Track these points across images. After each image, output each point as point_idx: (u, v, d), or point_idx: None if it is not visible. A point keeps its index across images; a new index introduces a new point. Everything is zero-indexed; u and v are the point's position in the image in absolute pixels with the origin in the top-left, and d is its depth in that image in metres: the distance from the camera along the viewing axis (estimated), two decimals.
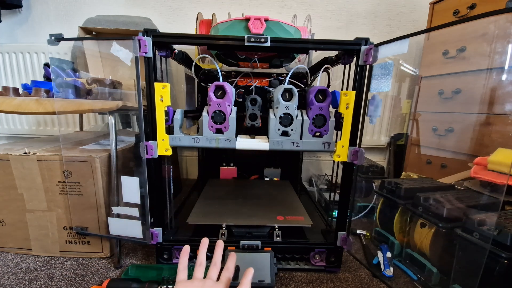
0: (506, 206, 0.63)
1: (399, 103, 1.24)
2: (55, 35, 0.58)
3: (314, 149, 0.61)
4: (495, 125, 0.82)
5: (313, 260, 0.67)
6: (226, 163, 1.09)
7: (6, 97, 0.69)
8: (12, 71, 1.27)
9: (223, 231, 0.66)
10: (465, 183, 0.75)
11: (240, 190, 0.92)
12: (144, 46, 0.55)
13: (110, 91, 0.78)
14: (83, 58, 1.01)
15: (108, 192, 0.69)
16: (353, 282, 0.65)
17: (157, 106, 0.57)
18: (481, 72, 0.85)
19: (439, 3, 1.01)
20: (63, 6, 1.25)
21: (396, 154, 1.24)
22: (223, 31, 0.61)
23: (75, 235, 0.70)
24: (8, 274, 0.64)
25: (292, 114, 0.59)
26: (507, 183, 0.60)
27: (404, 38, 0.51)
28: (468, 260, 0.53)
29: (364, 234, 0.87)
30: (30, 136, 1.33)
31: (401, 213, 0.74)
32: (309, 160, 1.38)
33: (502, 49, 0.79)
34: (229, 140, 0.60)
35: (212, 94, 0.57)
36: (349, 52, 0.62)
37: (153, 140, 0.59)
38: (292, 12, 1.22)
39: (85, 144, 0.78)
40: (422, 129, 1.08)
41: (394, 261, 0.71)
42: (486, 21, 0.83)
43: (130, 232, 0.66)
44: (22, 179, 0.67)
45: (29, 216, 0.70)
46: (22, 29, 1.29)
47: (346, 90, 0.58)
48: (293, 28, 0.62)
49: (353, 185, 0.63)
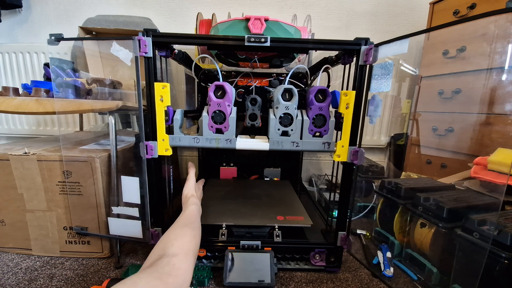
0: (506, 206, 0.63)
1: (399, 103, 1.24)
2: (55, 35, 0.58)
3: (314, 149, 0.61)
4: (495, 125, 0.82)
5: (313, 260, 0.67)
6: (226, 163, 1.09)
7: (6, 97, 0.69)
8: (12, 71, 1.27)
9: (223, 231, 0.66)
10: (465, 183, 0.75)
11: (240, 190, 0.92)
12: (144, 46, 0.55)
13: (110, 91, 0.78)
14: (83, 58, 1.01)
15: (108, 192, 0.69)
16: (353, 282, 0.65)
17: (157, 106, 0.57)
18: (481, 72, 0.85)
19: (439, 3, 1.01)
20: (63, 6, 1.25)
21: (396, 154, 1.24)
22: (223, 31, 0.61)
23: (75, 235, 0.70)
24: (8, 274, 0.64)
25: (292, 114, 0.59)
26: (507, 183, 0.61)
27: (404, 38, 0.51)
28: (468, 260, 0.53)
29: (364, 234, 0.87)
30: (30, 136, 1.33)
31: (401, 213, 0.74)
32: (309, 160, 1.38)
33: (502, 49, 0.79)
34: (229, 140, 0.60)
35: (212, 94, 0.57)
36: (349, 52, 0.62)
37: (153, 140, 0.59)
38: (292, 12, 1.22)
39: (85, 144, 0.78)
40: (422, 129, 1.08)
41: (394, 261, 0.71)
42: (486, 21, 0.83)
43: (130, 232, 0.66)
44: (22, 179, 0.67)
45: (29, 216, 0.70)
46: (22, 29, 1.29)
47: (346, 90, 0.58)
48: (293, 28, 0.62)
49: (353, 185, 0.63)
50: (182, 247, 0.41)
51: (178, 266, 0.37)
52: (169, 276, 0.34)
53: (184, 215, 0.54)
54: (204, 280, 0.61)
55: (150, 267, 0.36)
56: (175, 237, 0.44)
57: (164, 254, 0.38)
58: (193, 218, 0.53)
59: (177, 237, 0.44)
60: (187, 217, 0.52)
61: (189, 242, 0.43)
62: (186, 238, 0.44)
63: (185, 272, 0.37)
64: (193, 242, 0.44)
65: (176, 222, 0.50)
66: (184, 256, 0.40)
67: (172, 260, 0.37)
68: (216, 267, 0.66)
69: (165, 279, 0.33)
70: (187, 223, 0.50)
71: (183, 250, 0.41)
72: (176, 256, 0.38)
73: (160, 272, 0.34)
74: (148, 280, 0.32)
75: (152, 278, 0.32)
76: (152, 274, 0.33)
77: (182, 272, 0.36)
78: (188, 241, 0.43)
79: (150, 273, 0.33)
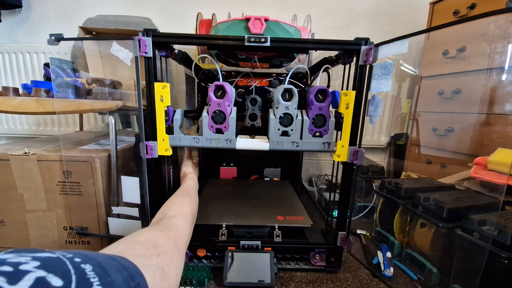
0: (506, 206, 0.63)
1: (399, 103, 1.24)
2: (55, 35, 0.58)
3: (314, 149, 0.61)
4: (495, 125, 0.82)
5: (313, 260, 0.67)
6: (226, 163, 1.09)
7: (6, 97, 0.69)
8: (12, 71, 1.27)
9: (223, 231, 0.66)
10: (465, 183, 0.75)
11: (240, 190, 0.92)
12: (144, 46, 0.55)
13: (110, 91, 0.78)
14: (83, 58, 1.01)
15: (108, 192, 0.69)
16: (353, 282, 0.65)
17: (157, 106, 0.57)
18: (481, 72, 0.85)
19: (439, 3, 1.01)
20: (63, 6, 1.25)
21: (396, 154, 1.24)
22: (223, 31, 0.61)
23: (75, 235, 0.70)
24: None
25: (292, 114, 0.59)
26: (507, 183, 0.61)
27: (404, 38, 0.51)
28: (468, 260, 0.53)
29: (364, 234, 0.87)
30: (30, 136, 1.33)
31: (401, 213, 0.74)
32: (309, 160, 1.38)
33: (502, 49, 0.79)
34: (229, 140, 0.60)
35: (212, 94, 0.57)
36: (349, 52, 0.62)
37: (153, 140, 0.59)
38: (292, 12, 1.22)
39: (85, 144, 0.78)
40: (422, 129, 1.08)
41: (394, 261, 0.71)
42: (486, 21, 0.83)
43: (130, 232, 0.66)
44: (22, 179, 0.67)
45: (29, 216, 0.70)
46: (22, 29, 1.29)
47: (346, 90, 0.58)
48: (293, 28, 0.62)
49: (353, 185, 0.63)
50: (180, 210, 0.45)
51: (176, 224, 0.40)
52: (169, 230, 0.37)
53: (183, 187, 0.58)
54: (204, 280, 0.61)
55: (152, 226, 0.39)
56: (174, 203, 0.48)
57: (164, 216, 0.42)
58: (191, 189, 0.57)
59: (176, 202, 0.48)
60: (185, 189, 0.57)
61: (186, 207, 0.47)
62: (184, 203, 0.48)
63: (183, 228, 0.40)
64: (190, 208, 0.48)
65: (175, 193, 0.54)
66: (182, 217, 0.43)
67: (171, 219, 0.41)
68: (216, 267, 0.66)
69: (167, 232, 0.36)
70: (185, 193, 0.54)
71: (181, 212, 0.45)
72: (174, 216, 0.42)
73: (161, 227, 0.38)
74: (151, 231, 0.35)
75: (154, 230, 0.36)
76: (154, 228, 0.37)
77: (180, 228, 0.40)
78: (185, 206, 0.47)
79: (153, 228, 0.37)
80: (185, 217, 0.44)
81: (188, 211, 0.46)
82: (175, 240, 0.36)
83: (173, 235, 0.37)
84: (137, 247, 0.30)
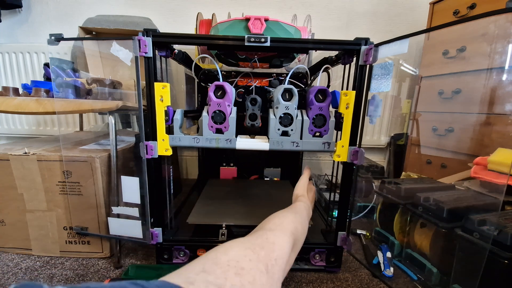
0: (506, 206, 0.63)
1: (399, 103, 1.24)
2: (55, 35, 0.58)
3: (314, 149, 0.61)
4: (495, 125, 0.82)
5: (313, 260, 0.67)
6: (226, 163, 1.09)
7: (6, 97, 0.69)
8: (12, 71, 1.27)
9: (223, 231, 0.66)
10: (465, 183, 0.75)
11: (240, 190, 0.92)
12: (144, 46, 0.55)
13: (110, 91, 0.78)
14: (83, 58, 1.01)
15: (108, 192, 0.69)
16: (353, 282, 0.65)
17: (157, 106, 0.57)
18: (481, 72, 0.85)
19: (439, 3, 1.01)
20: (63, 6, 1.25)
21: (396, 154, 1.24)
22: (223, 31, 0.61)
23: (75, 235, 0.70)
24: (8, 274, 0.64)
25: (292, 114, 0.59)
26: (507, 183, 0.60)
27: (404, 38, 0.51)
28: (468, 260, 0.53)
29: (364, 234, 0.87)
30: (30, 136, 1.33)
31: (401, 213, 0.74)
32: (309, 160, 1.38)
33: (502, 49, 0.79)
34: (229, 140, 0.60)
35: (212, 94, 0.57)
36: (349, 52, 0.62)
37: (153, 140, 0.59)
38: (292, 12, 1.22)
39: (85, 144, 0.78)
40: (422, 129, 1.08)
41: (394, 261, 0.71)
42: (486, 21, 0.83)
43: (130, 232, 0.66)
44: (22, 179, 0.67)
45: (29, 216, 0.70)
46: (22, 29, 1.29)
47: (346, 90, 0.58)
48: (293, 28, 0.62)
49: (353, 185, 0.63)
50: (280, 225, 0.39)
51: (272, 240, 0.33)
52: (261, 249, 0.31)
53: (290, 206, 0.52)
54: None
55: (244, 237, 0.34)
56: (275, 217, 0.42)
57: (261, 228, 0.37)
58: (298, 208, 0.51)
59: (276, 216, 0.42)
60: (291, 207, 0.51)
61: (288, 223, 0.41)
62: (286, 219, 0.42)
63: (279, 247, 0.33)
64: (292, 225, 0.41)
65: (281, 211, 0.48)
66: (280, 232, 0.37)
67: (267, 233, 0.35)
68: None
69: (258, 251, 0.30)
70: (290, 210, 0.48)
71: (280, 227, 0.38)
72: (271, 230, 0.36)
73: (253, 242, 0.32)
74: (240, 249, 0.29)
75: (243, 248, 0.30)
76: (244, 244, 0.31)
77: (276, 246, 0.33)
78: (287, 222, 0.41)
79: (243, 242, 0.31)
80: (284, 233, 0.37)
81: (288, 228, 0.39)
82: (266, 265, 0.29)
83: (265, 257, 0.30)
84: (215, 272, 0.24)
